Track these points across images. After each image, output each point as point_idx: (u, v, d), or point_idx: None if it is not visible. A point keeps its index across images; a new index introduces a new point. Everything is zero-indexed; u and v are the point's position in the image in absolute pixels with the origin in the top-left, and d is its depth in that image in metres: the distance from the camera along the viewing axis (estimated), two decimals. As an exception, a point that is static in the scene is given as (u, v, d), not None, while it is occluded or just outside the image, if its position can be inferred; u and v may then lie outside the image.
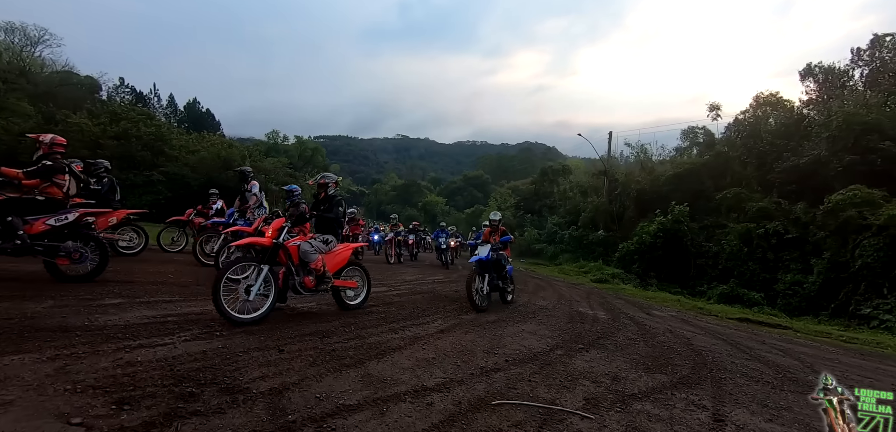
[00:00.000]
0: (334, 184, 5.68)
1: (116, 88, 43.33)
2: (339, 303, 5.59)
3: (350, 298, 5.67)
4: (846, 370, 6.27)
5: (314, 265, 4.93)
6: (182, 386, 2.87)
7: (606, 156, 29.26)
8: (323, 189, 5.60)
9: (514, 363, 4.29)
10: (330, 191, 5.60)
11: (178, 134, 22.33)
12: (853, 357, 7.81)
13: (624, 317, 8.69)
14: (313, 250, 4.98)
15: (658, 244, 21.14)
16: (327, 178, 5.68)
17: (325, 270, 5.06)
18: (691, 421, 3.40)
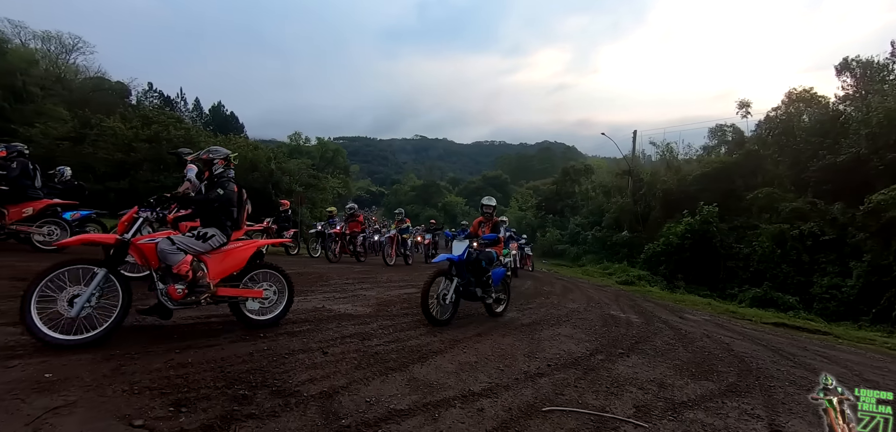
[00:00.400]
0: (222, 161, 4.23)
1: (145, 93, 44.68)
2: (239, 319, 4.16)
3: (254, 312, 4.17)
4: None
5: (177, 269, 3.66)
6: (234, 388, 2.88)
7: (631, 155, 28.71)
8: (206, 166, 4.22)
9: (556, 368, 4.20)
10: (216, 169, 4.20)
11: (205, 137, 22.90)
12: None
13: (657, 321, 8.48)
14: (173, 249, 3.69)
15: (686, 245, 20.61)
16: (213, 153, 4.25)
17: (198, 276, 3.81)
18: None
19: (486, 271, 5.82)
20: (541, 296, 9.71)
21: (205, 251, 3.93)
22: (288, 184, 21.51)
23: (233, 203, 4.14)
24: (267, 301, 4.26)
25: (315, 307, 5.46)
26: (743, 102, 26.71)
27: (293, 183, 21.97)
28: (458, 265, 5.37)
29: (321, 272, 9.11)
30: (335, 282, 7.84)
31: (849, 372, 5.94)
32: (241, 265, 4.14)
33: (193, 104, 51.96)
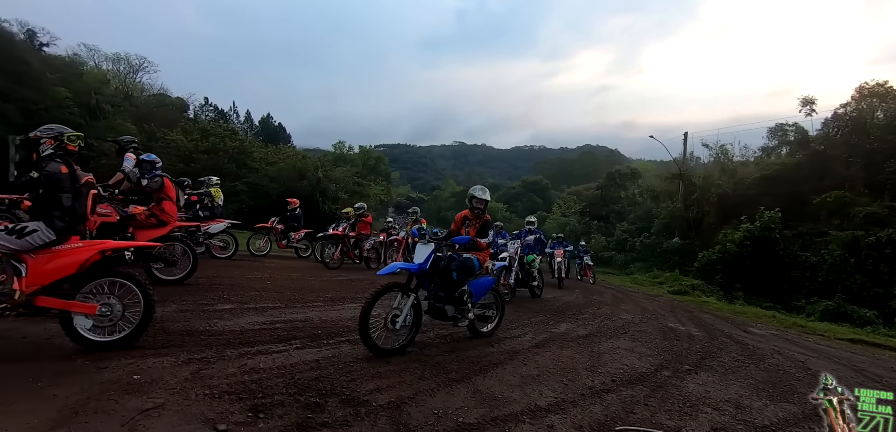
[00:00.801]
0: (51, 141, 3.46)
1: (202, 107, 47.53)
2: (72, 338, 3.29)
3: (87, 330, 3.32)
4: None
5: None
6: (306, 395, 2.94)
7: (681, 157, 27.38)
8: (33, 147, 3.51)
9: (622, 383, 4.01)
10: (43, 150, 3.45)
11: (257, 147, 24.06)
12: None
13: (720, 335, 7.98)
14: None
15: (745, 253, 19.34)
16: (41, 132, 3.51)
17: None
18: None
19: (460, 284, 4.45)
20: (591, 306, 9.39)
21: (22, 249, 3.16)
22: (334, 191, 22.14)
23: (60, 188, 3.32)
24: (105, 318, 3.34)
25: (371, 314, 5.53)
26: (806, 99, 24.80)
27: (339, 190, 22.60)
28: (419, 276, 4.21)
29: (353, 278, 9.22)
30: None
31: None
32: (74, 269, 3.28)
33: (245, 116, 54.76)
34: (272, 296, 5.93)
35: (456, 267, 4.42)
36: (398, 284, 4.11)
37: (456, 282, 4.42)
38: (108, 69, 38.48)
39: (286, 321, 4.67)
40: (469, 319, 4.60)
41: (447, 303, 4.41)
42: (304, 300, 5.96)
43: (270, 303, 5.32)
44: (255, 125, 54.01)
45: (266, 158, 22.68)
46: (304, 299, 6.03)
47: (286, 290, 6.50)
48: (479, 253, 4.72)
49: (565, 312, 7.79)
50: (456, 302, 4.48)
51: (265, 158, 22.64)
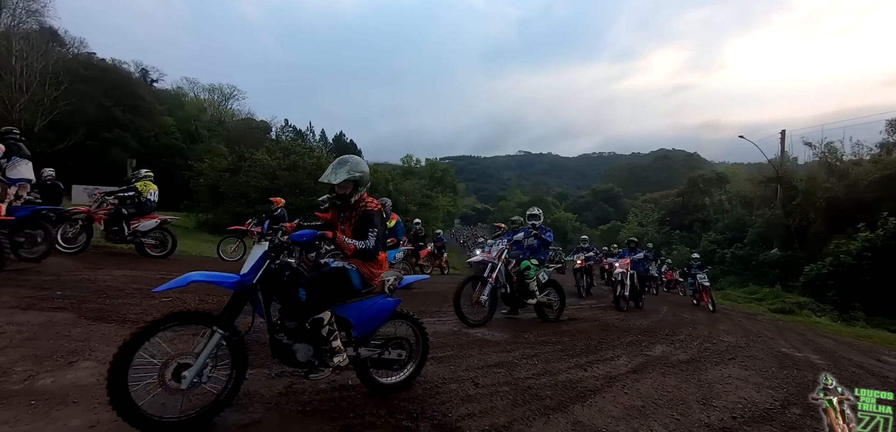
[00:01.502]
0: None
1: (282, 128, 51.43)
2: None
3: None
4: None
5: None
6: (397, 417, 2.82)
7: (779, 158, 24.55)
8: None
9: (744, 422, 3.46)
10: None
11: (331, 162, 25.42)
12: None
13: (849, 365, 6.83)
14: None
15: (864, 267, 16.79)
16: None
17: None
18: None
19: (313, 309, 2.76)
20: (685, 325, 8.52)
21: None
22: (404, 203, 22.67)
23: None
24: None
25: (452, 330, 5.38)
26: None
27: (409, 202, 23.11)
28: (238, 295, 2.66)
29: (428, 291, 9.08)
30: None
31: None
32: None
33: (320, 135, 58.36)
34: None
35: (307, 283, 2.78)
36: (194, 314, 2.61)
37: (305, 305, 2.75)
38: (205, 98, 43.11)
39: (369, 335, 4.65)
40: (336, 366, 2.81)
41: (298, 340, 2.78)
42: (477, 313, 6.00)
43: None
44: (329, 143, 57.31)
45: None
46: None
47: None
48: (368, 263, 3.01)
49: (658, 333, 7.10)
50: (311, 337, 2.79)
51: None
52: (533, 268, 6.51)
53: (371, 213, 3.01)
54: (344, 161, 3.10)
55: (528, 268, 6.48)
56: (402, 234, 9.57)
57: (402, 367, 3.28)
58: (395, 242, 8.78)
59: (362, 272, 3.01)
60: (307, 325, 2.78)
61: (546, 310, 6.73)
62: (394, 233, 8.82)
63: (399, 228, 9.22)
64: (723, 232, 27.41)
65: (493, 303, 6.12)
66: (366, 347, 3.06)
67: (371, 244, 2.90)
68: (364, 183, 3.10)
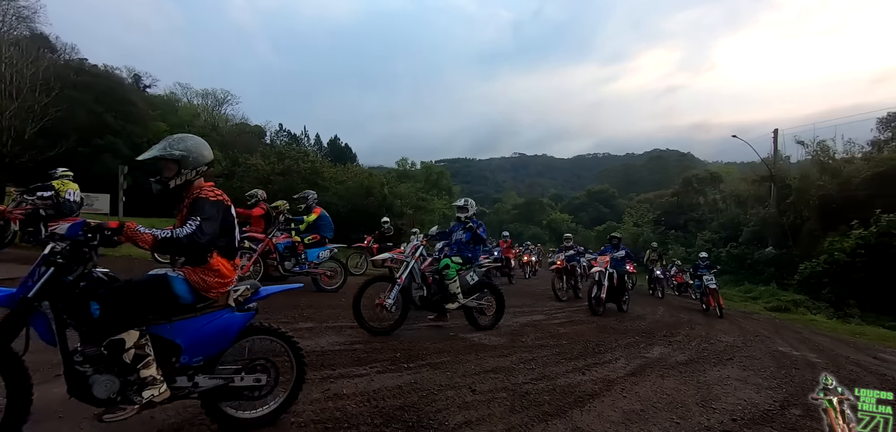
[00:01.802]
0: None
1: (277, 133, 51.20)
2: None
3: None
4: None
5: None
6: (392, 426, 2.76)
7: (771, 157, 24.66)
8: None
9: (744, 423, 3.43)
10: None
11: (327, 167, 25.28)
12: None
13: (847, 363, 6.84)
14: None
15: (858, 264, 16.84)
16: None
17: None
18: None
19: (107, 330, 2.12)
20: (682, 325, 8.51)
21: None
22: (400, 207, 22.55)
23: None
24: None
25: (449, 335, 5.32)
26: (930, 84, 21.37)
27: (404, 206, 23.00)
28: (15, 313, 2.07)
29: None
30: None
31: None
32: None
33: (314, 139, 58.07)
34: (349, 315, 5.91)
35: (103, 296, 2.16)
36: None
37: (98, 323, 2.13)
38: (198, 103, 42.89)
39: (365, 341, 4.58)
40: (141, 403, 2.14)
41: (99, 371, 2.12)
42: (382, 319, 5.87)
43: (348, 323, 5.27)
44: (323, 147, 57.07)
45: (336, 177, 23.69)
46: (382, 318, 5.94)
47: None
48: (198, 268, 2.35)
49: (655, 334, 7.07)
50: (113, 364, 2.13)
51: (335, 177, 23.65)
52: (453, 266, 5.53)
53: (201, 201, 2.33)
54: (167, 139, 2.49)
55: (448, 266, 5.51)
56: (330, 232, 8.39)
57: (265, 395, 2.57)
58: (318, 239, 8.02)
59: (192, 280, 2.30)
60: (103, 349, 2.11)
61: (477, 316, 5.79)
62: (317, 230, 8.07)
63: (324, 223, 8.28)
64: (718, 231, 27.49)
65: (406, 307, 5.24)
66: (208, 375, 2.38)
67: (182, 233, 2.15)
68: (191, 164, 2.42)
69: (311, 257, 7.80)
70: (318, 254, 7.89)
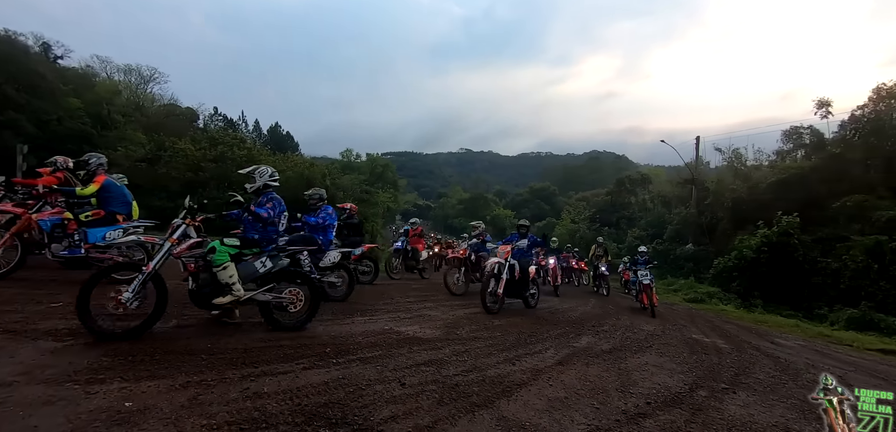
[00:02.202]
0: None
1: (211, 117, 47.92)
2: None
3: None
4: None
5: None
6: (314, 424, 2.65)
7: (694, 162, 26.86)
8: None
9: (657, 406, 3.67)
10: None
11: (265, 155, 23.98)
12: None
13: (748, 348, 7.59)
14: None
15: (762, 259, 18.78)
16: None
17: None
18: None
19: None
20: (610, 316, 9.03)
21: None
22: (342, 199, 22.00)
23: None
24: None
25: (383, 329, 5.24)
26: (822, 101, 24.20)
27: (347, 197, 22.45)
28: None
29: (373, 288, 8.93)
30: (397, 301, 7.63)
31: None
32: None
33: (253, 125, 55.11)
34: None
35: None
36: None
37: None
38: (120, 80, 38.98)
39: (293, 337, 4.38)
40: None
41: None
42: None
43: (277, 317, 5.03)
44: (263, 134, 54.32)
45: (275, 167, 22.65)
46: None
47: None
48: None
49: (585, 324, 7.43)
50: None
51: (274, 167, 22.61)
52: (221, 251, 4.21)
53: None
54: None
55: (214, 250, 4.21)
56: (122, 207, 6.68)
57: None
58: (103, 216, 6.35)
59: None
60: None
61: (277, 314, 4.60)
62: (103, 204, 6.41)
63: (113, 195, 6.51)
64: (646, 228, 29.49)
65: (161, 301, 3.94)
66: None
67: None
68: None
69: (91, 238, 6.07)
70: (105, 236, 6.15)
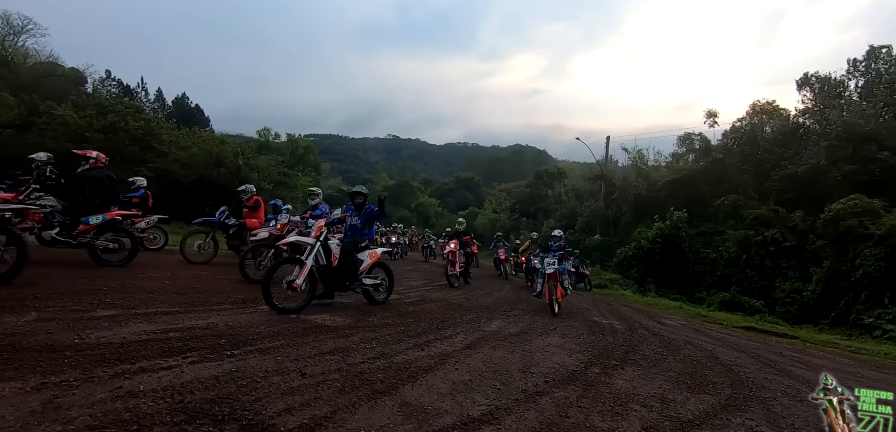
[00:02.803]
0: None
1: (103, 81, 42.11)
2: None
3: None
4: (876, 386, 6.04)
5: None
6: (196, 423, 2.43)
7: (604, 160, 29.15)
8: None
9: (554, 384, 3.92)
10: None
11: (167, 129, 21.53)
12: (870, 369, 7.64)
13: (640, 328, 8.42)
14: None
15: (656, 249, 21.02)
16: None
17: None
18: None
19: None
20: (521, 301, 9.49)
21: None
22: (257, 181, 20.55)
23: None
24: None
25: (288, 317, 4.97)
26: (710, 112, 27.61)
27: (262, 180, 21.02)
28: None
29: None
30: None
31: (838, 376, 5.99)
32: None
33: (155, 94, 49.38)
34: (170, 299, 5.13)
35: None
36: None
37: None
38: (-22, 28, 32.54)
39: (183, 329, 4.00)
40: None
41: None
42: (210, 303, 5.23)
43: (166, 308, 4.56)
44: (167, 106, 48.93)
45: (177, 142, 20.35)
46: (209, 302, 5.29)
47: (189, 291, 5.69)
48: None
49: (497, 310, 7.73)
50: None
51: (176, 142, 20.30)
52: None
53: None
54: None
55: None
56: None
57: None
58: None
59: None
60: None
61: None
62: None
63: None
64: (560, 219, 31.52)
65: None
66: None
67: None
68: None
69: None
70: None
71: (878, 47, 21.09)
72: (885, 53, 20.69)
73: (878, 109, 18.97)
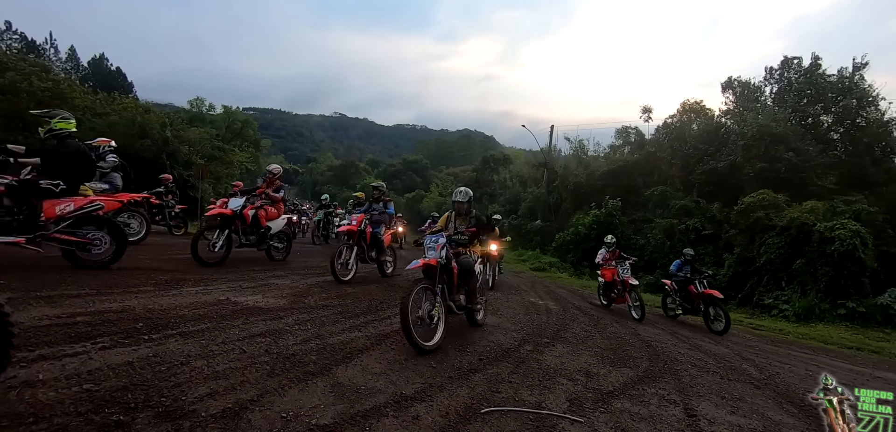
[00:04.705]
0: None
1: (2, 34, 37.04)
2: None
3: None
4: (769, 357, 6.86)
5: None
6: (104, 412, 2.25)
7: (547, 148, 30.13)
8: None
9: (488, 361, 4.05)
10: None
11: (81, 93, 19.30)
12: (766, 344, 8.65)
13: (572, 308, 8.90)
14: None
15: (592, 235, 22.19)
16: None
17: None
18: (669, 418, 3.39)
19: None
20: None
21: None
22: (187, 154, 19.08)
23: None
24: None
25: (217, 299, 4.72)
26: (646, 108, 29.26)
27: (192, 154, 19.54)
28: None
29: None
30: (242, 270, 6.99)
31: (732, 353, 6.73)
32: None
33: (67, 54, 44.20)
34: (81, 280, 4.67)
35: None
36: None
37: None
38: None
39: (94, 312, 3.67)
40: None
41: None
42: (128, 284, 4.83)
43: (75, 290, 4.16)
44: (82, 66, 44.02)
45: (93, 108, 18.32)
46: (127, 283, 4.89)
47: (104, 272, 5.22)
48: None
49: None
50: None
51: (91, 108, 18.27)
52: None
53: None
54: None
55: None
56: None
57: None
58: None
59: None
60: None
61: None
62: None
63: None
64: (504, 204, 32.31)
65: None
66: None
67: None
68: None
69: None
70: None
71: (791, 58, 23.31)
72: (796, 64, 22.91)
73: (787, 114, 21.03)
